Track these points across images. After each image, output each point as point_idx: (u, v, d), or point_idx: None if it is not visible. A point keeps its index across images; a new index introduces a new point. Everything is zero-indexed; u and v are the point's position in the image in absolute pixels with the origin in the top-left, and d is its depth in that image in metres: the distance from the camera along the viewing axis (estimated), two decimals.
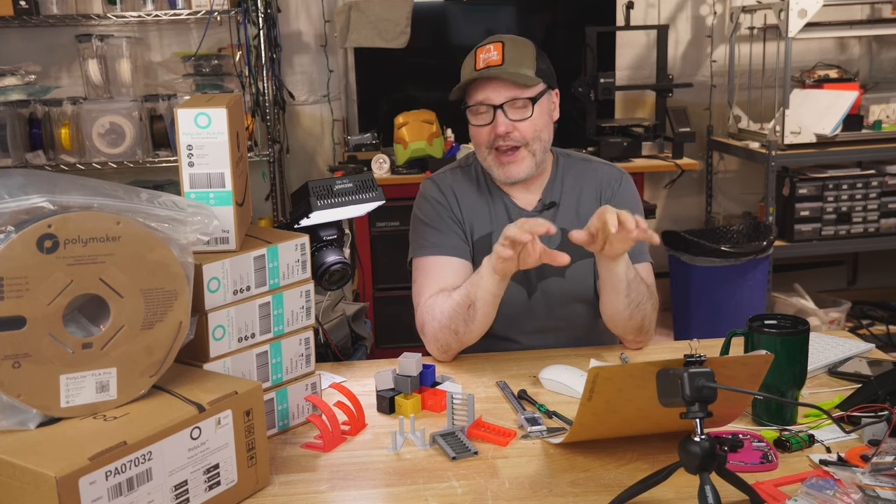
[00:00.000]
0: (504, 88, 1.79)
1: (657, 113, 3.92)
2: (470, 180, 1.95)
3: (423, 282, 1.86)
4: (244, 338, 1.40)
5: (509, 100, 1.79)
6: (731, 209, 4.33)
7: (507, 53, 1.79)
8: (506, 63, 1.78)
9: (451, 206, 1.91)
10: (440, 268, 1.85)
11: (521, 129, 1.81)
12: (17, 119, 3.49)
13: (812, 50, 4.22)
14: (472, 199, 1.93)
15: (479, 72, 1.80)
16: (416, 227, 1.93)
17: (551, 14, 4.08)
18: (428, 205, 1.92)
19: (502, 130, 1.80)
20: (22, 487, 1.05)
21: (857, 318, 4.05)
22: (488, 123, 1.82)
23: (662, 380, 1.18)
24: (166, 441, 1.14)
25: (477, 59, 1.82)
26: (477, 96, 1.82)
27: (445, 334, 1.76)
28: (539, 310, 1.90)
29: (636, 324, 1.79)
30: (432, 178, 1.97)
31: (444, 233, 1.88)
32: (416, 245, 1.91)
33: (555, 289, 1.89)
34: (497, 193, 1.92)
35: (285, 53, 3.86)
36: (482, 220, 1.91)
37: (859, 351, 1.75)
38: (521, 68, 1.80)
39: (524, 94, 1.80)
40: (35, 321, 1.12)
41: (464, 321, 1.74)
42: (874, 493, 1.17)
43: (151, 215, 1.21)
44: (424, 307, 1.81)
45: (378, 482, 1.32)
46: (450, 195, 1.92)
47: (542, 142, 1.85)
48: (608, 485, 1.28)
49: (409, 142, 3.52)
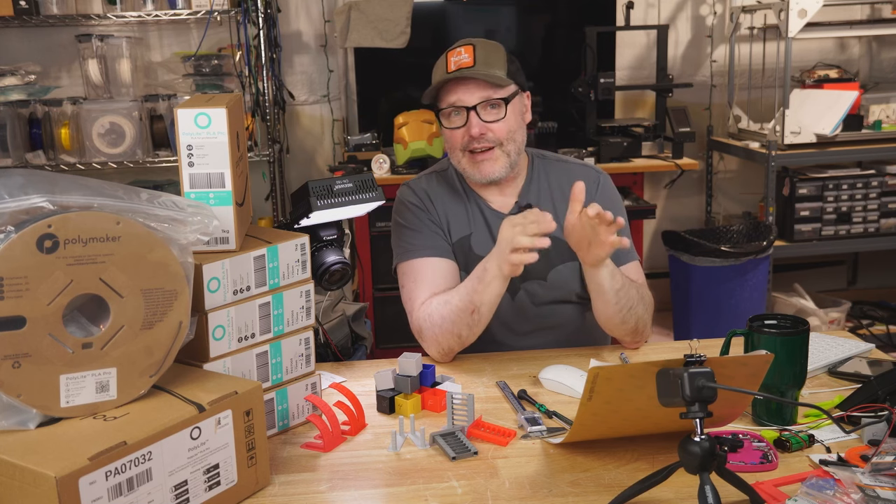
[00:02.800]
0: (477, 89, 1.80)
1: (657, 113, 3.92)
2: (446, 184, 1.95)
3: (413, 287, 1.85)
4: (244, 338, 1.40)
5: (482, 100, 1.80)
6: (731, 209, 4.33)
7: (479, 55, 1.80)
8: (477, 65, 1.79)
9: (428, 210, 1.91)
10: (428, 270, 1.85)
11: (494, 129, 1.81)
12: (17, 119, 3.49)
13: (812, 50, 4.22)
14: (449, 202, 1.93)
15: (451, 73, 1.80)
16: (398, 233, 1.92)
17: (551, 14, 4.08)
18: (407, 209, 1.92)
19: (476, 132, 1.80)
20: (22, 487, 1.05)
21: (857, 318, 4.05)
22: (461, 126, 1.82)
23: (662, 380, 1.18)
24: (166, 441, 1.14)
25: (448, 62, 1.82)
26: (449, 98, 1.83)
27: (448, 339, 1.76)
28: (525, 312, 1.90)
29: (630, 327, 1.80)
30: (408, 184, 1.97)
31: (427, 234, 1.88)
32: (401, 250, 1.90)
33: (537, 292, 1.89)
34: (473, 196, 1.93)
35: (285, 53, 3.86)
36: (460, 223, 1.91)
37: (859, 351, 1.75)
38: (492, 69, 1.80)
39: (497, 94, 1.80)
40: (35, 321, 1.12)
41: (467, 326, 1.74)
42: (874, 493, 1.17)
43: (151, 215, 1.21)
44: (420, 314, 1.80)
45: (378, 482, 1.32)
46: (426, 199, 1.92)
47: (516, 143, 1.85)
48: (608, 485, 1.28)
49: (409, 142, 3.52)
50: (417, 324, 1.81)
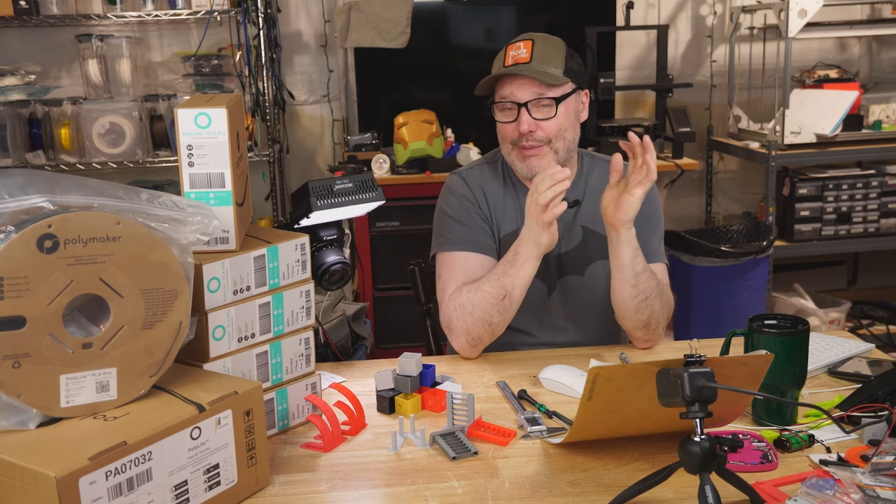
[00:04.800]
0: (530, 86, 1.80)
1: (657, 113, 3.93)
2: (496, 176, 1.95)
3: (448, 278, 1.85)
4: (244, 338, 1.40)
5: (534, 98, 1.80)
6: (731, 209, 4.33)
7: (536, 51, 1.80)
8: (534, 61, 1.79)
9: (478, 202, 1.91)
10: (465, 264, 1.85)
11: (544, 127, 1.81)
12: (17, 119, 3.49)
13: (812, 50, 4.22)
14: (499, 195, 1.93)
15: (507, 68, 1.81)
16: (441, 221, 1.92)
17: (551, 14, 4.08)
18: (455, 199, 1.92)
19: (525, 129, 1.80)
20: (22, 487, 1.05)
21: (857, 318, 4.05)
22: (513, 120, 1.82)
23: (662, 380, 1.18)
24: (166, 441, 1.14)
25: (506, 56, 1.83)
26: (503, 92, 1.83)
27: (479, 328, 1.76)
28: (557, 306, 1.91)
29: (643, 318, 1.79)
30: (459, 174, 1.97)
31: (471, 228, 1.88)
32: (442, 240, 1.90)
33: (573, 286, 1.90)
34: (523, 190, 1.92)
35: (285, 53, 3.86)
36: (509, 217, 1.91)
37: (859, 351, 1.75)
38: (548, 67, 1.80)
39: (549, 93, 1.80)
40: (35, 321, 1.12)
41: (499, 312, 1.75)
42: (874, 493, 1.17)
43: (151, 215, 1.21)
44: (451, 303, 1.80)
45: (378, 482, 1.32)
46: (477, 191, 1.92)
47: (566, 141, 1.85)
48: (608, 485, 1.28)
49: (409, 142, 3.52)
50: (447, 314, 1.81)
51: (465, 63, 3.95)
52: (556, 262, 1.89)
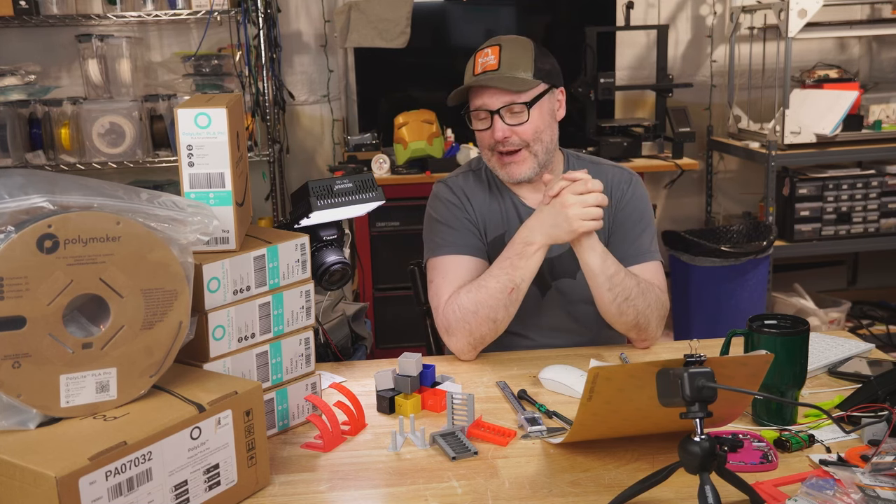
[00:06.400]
0: (500, 94, 1.81)
1: (657, 113, 3.92)
2: (480, 183, 1.96)
3: (441, 282, 1.85)
4: (244, 338, 1.40)
5: (505, 105, 1.81)
6: (731, 209, 4.33)
7: (504, 56, 1.81)
8: (502, 68, 1.80)
9: (465, 208, 1.92)
10: (458, 267, 1.85)
11: (519, 132, 1.82)
12: (17, 119, 3.49)
13: (812, 50, 4.22)
14: (484, 200, 1.94)
15: (476, 78, 1.82)
16: (431, 228, 1.93)
17: (551, 14, 4.08)
18: (442, 205, 1.93)
19: (500, 136, 1.82)
20: (22, 487, 1.05)
21: (857, 318, 4.05)
22: (488, 128, 1.84)
23: (662, 380, 1.18)
24: (166, 441, 1.14)
25: (476, 64, 1.84)
26: (475, 102, 1.85)
27: (482, 326, 1.76)
28: (552, 308, 1.92)
29: (630, 319, 1.79)
30: (444, 182, 1.99)
31: (460, 231, 1.89)
32: (433, 245, 1.91)
33: (567, 289, 1.91)
34: (507, 195, 1.94)
35: (285, 53, 3.86)
36: (495, 221, 1.92)
37: (859, 351, 1.75)
38: (517, 72, 1.81)
39: (520, 99, 1.81)
40: (35, 321, 1.12)
41: (504, 307, 1.75)
42: (874, 493, 1.17)
43: (151, 215, 1.21)
44: (448, 307, 1.80)
45: (378, 482, 1.32)
46: (462, 197, 1.93)
47: (544, 142, 1.85)
48: (608, 485, 1.28)
49: (409, 142, 3.52)
50: (444, 317, 1.80)
51: (465, 63, 3.94)
52: (548, 267, 1.89)
